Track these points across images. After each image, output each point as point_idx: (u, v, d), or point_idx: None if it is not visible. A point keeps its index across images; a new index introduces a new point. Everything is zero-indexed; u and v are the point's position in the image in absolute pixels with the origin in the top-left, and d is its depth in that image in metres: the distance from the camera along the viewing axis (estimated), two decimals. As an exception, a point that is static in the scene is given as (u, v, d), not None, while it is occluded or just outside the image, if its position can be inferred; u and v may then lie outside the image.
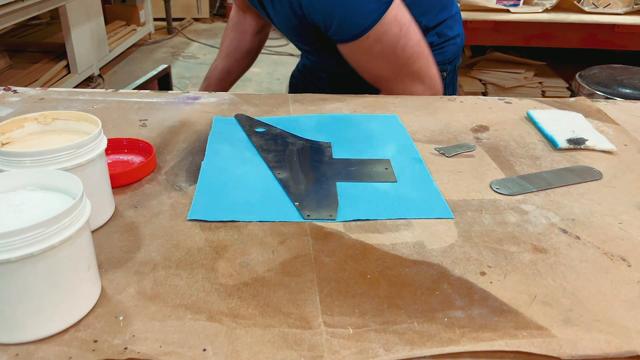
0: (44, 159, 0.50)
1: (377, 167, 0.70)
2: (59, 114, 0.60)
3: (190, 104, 0.90)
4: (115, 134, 0.77)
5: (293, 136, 0.78)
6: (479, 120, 0.86)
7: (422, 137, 0.80)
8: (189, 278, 0.50)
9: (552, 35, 2.21)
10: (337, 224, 0.59)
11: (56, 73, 2.97)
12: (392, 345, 0.43)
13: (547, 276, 0.52)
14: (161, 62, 3.95)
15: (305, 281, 0.50)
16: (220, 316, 0.46)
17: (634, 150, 0.78)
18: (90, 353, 0.42)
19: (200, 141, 0.77)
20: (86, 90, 0.95)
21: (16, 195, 0.46)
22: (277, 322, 0.45)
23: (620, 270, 0.53)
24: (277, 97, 0.94)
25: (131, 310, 0.46)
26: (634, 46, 2.23)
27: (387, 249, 0.55)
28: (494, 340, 0.44)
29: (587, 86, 1.80)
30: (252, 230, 0.57)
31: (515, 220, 0.60)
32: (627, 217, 0.62)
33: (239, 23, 1.19)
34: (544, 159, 0.75)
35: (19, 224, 0.40)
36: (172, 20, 4.64)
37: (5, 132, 0.57)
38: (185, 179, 0.67)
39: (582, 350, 0.43)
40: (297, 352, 0.42)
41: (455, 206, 0.63)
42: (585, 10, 2.13)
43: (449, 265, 0.53)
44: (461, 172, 0.71)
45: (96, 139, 0.55)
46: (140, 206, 0.61)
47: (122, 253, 0.53)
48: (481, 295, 0.49)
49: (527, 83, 2.63)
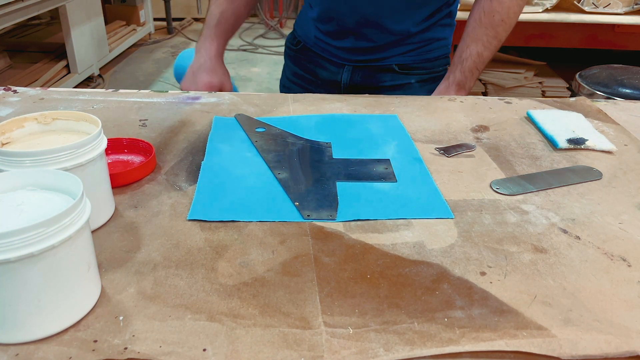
0: (44, 159, 0.50)
1: (377, 167, 0.70)
2: (59, 114, 0.60)
3: (190, 104, 0.90)
4: (115, 134, 0.77)
5: (293, 136, 0.78)
6: (479, 120, 0.86)
7: (422, 137, 0.80)
8: (189, 278, 0.50)
9: (552, 35, 2.21)
10: (337, 224, 0.59)
11: (56, 73, 2.97)
12: (392, 345, 0.43)
13: (547, 276, 0.52)
14: (161, 62, 3.94)
15: (305, 281, 0.50)
16: (220, 316, 0.46)
17: (634, 150, 0.78)
18: (90, 353, 0.41)
19: (200, 141, 0.77)
20: (86, 90, 0.95)
21: (16, 195, 0.46)
22: (277, 322, 0.45)
23: (620, 270, 0.53)
24: (277, 97, 0.94)
25: (131, 310, 0.46)
26: (634, 46, 2.23)
27: (387, 249, 0.55)
28: (494, 340, 0.44)
29: (587, 86, 1.80)
30: (252, 230, 0.57)
31: (516, 220, 0.60)
32: (627, 217, 0.62)
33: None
34: (544, 159, 0.75)
35: (19, 224, 0.40)
36: (172, 20, 4.64)
37: (5, 132, 0.57)
38: (185, 179, 0.67)
39: (582, 350, 0.43)
40: (297, 352, 0.42)
41: (455, 206, 0.63)
42: (585, 10, 2.13)
43: (449, 265, 0.53)
44: (461, 172, 0.71)
45: (96, 139, 0.55)
46: (140, 206, 0.61)
47: (122, 253, 0.53)
48: (481, 295, 0.49)
49: (527, 83, 2.63)
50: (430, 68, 1.08)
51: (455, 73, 1.00)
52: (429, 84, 1.08)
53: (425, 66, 1.08)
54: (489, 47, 0.98)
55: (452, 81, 1.01)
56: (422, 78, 1.08)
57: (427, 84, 1.08)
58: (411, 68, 1.07)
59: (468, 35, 0.99)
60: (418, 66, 1.07)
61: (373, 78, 1.08)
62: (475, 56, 0.98)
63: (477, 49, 0.98)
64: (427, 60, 1.07)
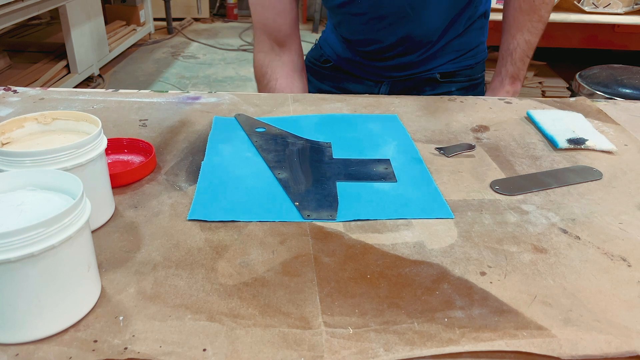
0: (44, 159, 0.50)
1: (377, 167, 0.70)
2: (59, 114, 0.60)
3: (190, 104, 0.90)
4: (115, 134, 0.77)
5: (293, 136, 0.78)
6: (479, 120, 0.86)
7: (422, 137, 0.80)
8: (189, 278, 0.50)
9: (552, 35, 2.21)
10: (337, 224, 0.59)
11: (56, 73, 2.97)
12: (392, 345, 0.43)
13: (547, 276, 0.52)
14: (161, 62, 3.95)
15: (305, 281, 0.50)
16: (220, 316, 0.46)
17: (634, 150, 0.78)
18: (90, 353, 0.41)
19: (200, 141, 0.77)
20: (86, 90, 0.95)
21: (16, 195, 0.46)
22: (277, 322, 0.45)
23: (620, 270, 0.53)
24: (277, 97, 0.94)
25: (131, 310, 0.46)
26: (634, 46, 2.23)
27: (387, 249, 0.55)
28: (494, 340, 0.44)
29: (587, 86, 1.80)
30: (252, 230, 0.57)
31: (515, 220, 0.60)
32: (627, 217, 0.62)
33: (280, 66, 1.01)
34: (544, 159, 0.75)
35: (19, 224, 0.40)
36: (172, 20, 4.64)
37: (5, 132, 0.57)
38: (185, 179, 0.67)
39: (582, 350, 0.43)
40: (297, 352, 0.42)
41: (455, 206, 0.63)
42: (585, 10, 2.13)
43: (449, 265, 0.53)
44: (461, 172, 0.71)
45: (96, 139, 0.55)
46: (140, 206, 0.61)
47: (122, 253, 0.53)
48: (481, 295, 0.49)
49: (527, 83, 2.63)
50: (470, 75, 1.07)
51: (507, 66, 0.99)
52: (469, 91, 1.07)
53: (466, 73, 1.06)
54: (534, 32, 0.96)
55: (504, 74, 0.99)
56: (463, 86, 1.07)
57: (468, 92, 1.06)
58: (453, 75, 1.05)
59: (511, 26, 0.97)
60: (460, 73, 1.05)
61: (414, 89, 1.06)
62: (523, 44, 0.97)
63: (524, 36, 0.96)
64: (469, 67, 1.06)
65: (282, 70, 1.01)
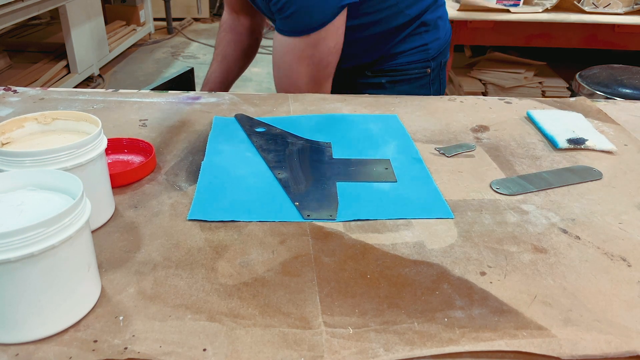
0: (44, 159, 0.50)
1: (377, 167, 0.70)
2: (59, 114, 0.60)
3: (190, 104, 0.90)
4: (115, 134, 0.77)
5: (293, 136, 0.78)
6: (479, 120, 0.86)
7: (422, 137, 0.80)
8: (189, 278, 0.50)
9: (552, 35, 2.21)
10: (337, 224, 0.59)
11: (56, 73, 2.97)
12: (392, 345, 0.43)
13: (547, 276, 0.52)
14: (161, 62, 3.94)
15: (305, 281, 0.50)
16: (220, 316, 0.46)
17: (634, 150, 0.78)
18: (90, 353, 0.41)
19: (200, 141, 0.77)
20: (86, 90, 0.95)
21: (16, 195, 0.46)
22: (277, 322, 0.45)
23: (620, 270, 0.53)
24: (277, 97, 0.94)
25: (131, 310, 0.46)
26: (634, 46, 2.23)
27: (387, 249, 0.55)
28: (494, 340, 0.44)
29: (587, 86, 1.79)
30: (252, 230, 0.57)
31: (515, 220, 0.60)
32: (627, 217, 0.62)
33: (233, 25, 1.20)
34: (544, 159, 0.75)
35: (19, 224, 0.40)
36: (172, 20, 4.64)
37: (5, 132, 0.57)
38: (185, 179, 0.67)
39: (582, 350, 0.43)
40: (297, 352, 0.42)
41: (455, 206, 0.63)
42: (585, 10, 2.13)
43: (449, 265, 0.53)
44: (461, 172, 0.71)
45: (96, 139, 0.55)
46: (140, 206, 0.61)
47: (122, 253, 0.53)
48: (481, 295, 0.49)
49: (527, 83, 2.62)
50: (402, 70, 1.09)
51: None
52: (401, 84, 1.09)
53: (398, 68, 1.08)
54: None
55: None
56: (394, 79, 1.09)
57: (398, 85, 1.09)
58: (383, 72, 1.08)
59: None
60: (389, 69, 1.08)
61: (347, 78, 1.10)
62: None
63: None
64: (400, 64, 1.08)
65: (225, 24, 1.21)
